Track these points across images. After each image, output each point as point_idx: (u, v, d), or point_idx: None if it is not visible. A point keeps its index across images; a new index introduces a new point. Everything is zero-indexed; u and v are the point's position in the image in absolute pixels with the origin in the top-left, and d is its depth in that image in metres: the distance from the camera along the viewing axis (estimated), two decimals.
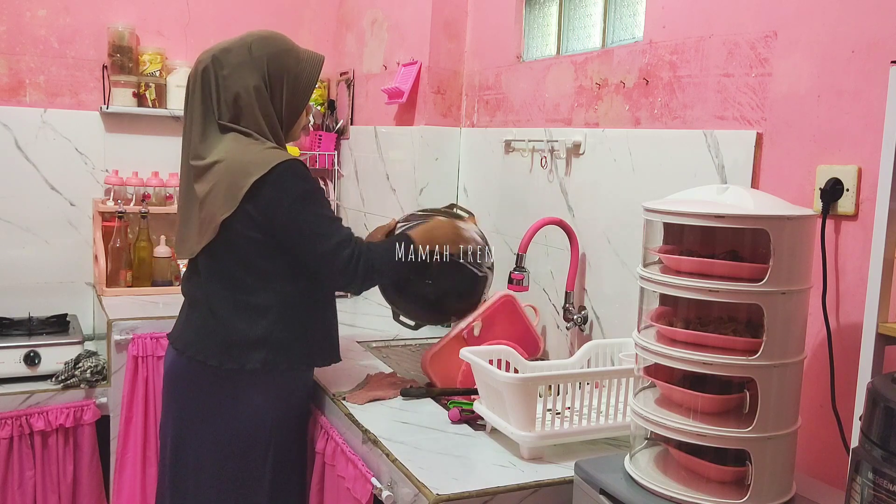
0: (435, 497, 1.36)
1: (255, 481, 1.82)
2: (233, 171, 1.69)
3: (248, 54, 1.77)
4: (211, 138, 1.76)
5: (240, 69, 1.76)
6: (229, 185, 1.69)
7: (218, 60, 1.77)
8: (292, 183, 1.70)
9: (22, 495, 2.50)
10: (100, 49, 3.06)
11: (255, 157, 1.70)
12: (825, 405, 1.41)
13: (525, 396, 1.49)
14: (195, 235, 1.77)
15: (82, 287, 3.10)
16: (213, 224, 1.71)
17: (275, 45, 1.80)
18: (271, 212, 1.70)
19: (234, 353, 1.76)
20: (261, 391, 1.80)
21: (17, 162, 2.96)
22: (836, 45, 1.43)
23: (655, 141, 1.84)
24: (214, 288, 1.79)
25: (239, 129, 1.76)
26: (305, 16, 3.43)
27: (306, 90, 1.84)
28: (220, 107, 1.77)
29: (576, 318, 2.08)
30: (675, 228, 1.31)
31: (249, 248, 1.73)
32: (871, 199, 1.35)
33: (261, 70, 1.77)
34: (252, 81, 1.76)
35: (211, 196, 1.72)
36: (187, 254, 1.82)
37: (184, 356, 1.82)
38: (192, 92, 1.80)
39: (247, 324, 1.76)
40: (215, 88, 1.77)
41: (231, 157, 1.71)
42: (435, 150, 2.69)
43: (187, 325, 1.86)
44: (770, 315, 1.18)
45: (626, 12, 2.05)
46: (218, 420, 1.80)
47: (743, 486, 1.22)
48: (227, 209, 1.69)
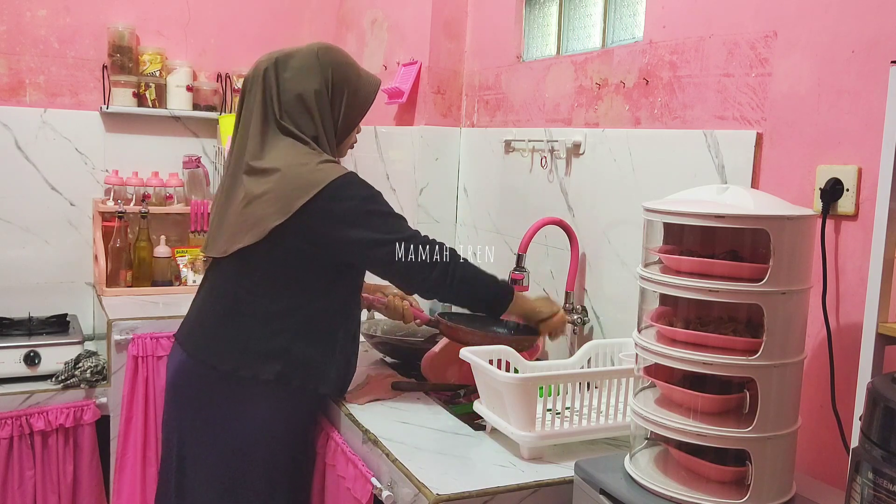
0: (435, 497, 1.36)
1: (260, 494, 1.78)
2: (290, 181, 1.67)
3: (314, 59, 1.77)
4: (269, 139, 1.74)
5: (304, 72, 1.75)
6: (284, 193, 1.66)
7: (282, 63, 1.76)
8: (352, 193, 1.68)
9: (22, 495, 2.50)
10: (100, 49, 3.06)
11: (313, 170, 1.68)
12: (825, 405, 1.41)
13: (525, 396, 1.49)
14: (231, 235, 1.73)
15: (82, 287, 3.10)
16: (260, 228, 1.67)
17: (340, 56, 1.82)
18: (330, 225, 1.67)
19: (251, 360, 1.73)
20: (269, 404, 1.75)
21: (17, 162, 2.96)
22: (836, 45, 1.43)
23: (655, 141, 1.84)
24: (241, 291, 1.75)
25: (296, 133, 1.74)
26: (305, 16, 3.43)
27: (363, 106, 1.84)
28: (280, 107, 1.75)
29: (576, 318, 2.08)
30: (675, 228, 1.31)
31: (293, 258, 1.70)
32: (871, 199, 1.35)
33: (325, 76, 1.77)
34: (315, 85, 1.75)
35: (262, 200, 1.68)
36: (218, 252, 1.77)
37: (194, 359, 1.78)
38: (250, 91, 1.78)
39: (269, 333, 1.73)
40: (276, 89, 1.75)
41: (289, 166, 1.68)
42: (435, 150, 2.69)
43: (201, 326, 1.81)
44: (770, 315, 1.18)
45: (626, 12, 2.05)
46: (223, 428, 1.76)
47: (743, 486, 1.22)
48: (279, 217, 1.65)
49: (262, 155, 1.73)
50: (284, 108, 1.75)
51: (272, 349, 1.73)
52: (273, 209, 1.66)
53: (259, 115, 1.75)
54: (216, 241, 1.78)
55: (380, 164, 2.99)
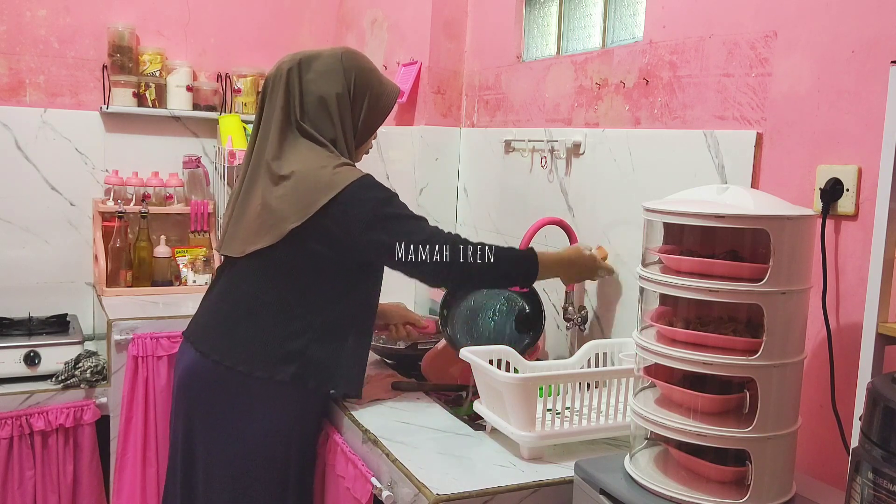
0: (435, 497, 1.36)
1: (269, 493, 1.78)
2: (309, 183, 1.68)
3: (338, 63, 1.78)
4: (289, 140, 1.75)
5: (327, 75, 1.77)
6: (303, 196, 1.67)
7: (305, 64, 1.77)
8: (370, 194, 1.69)
9: (22, 495, 2.50)
10: (100, 49, 3.05)
11: (332, 172, 1.68)
12: (825, 405, 1.41)
13: (525, 396, 1.49)
14: (248, 235, 1.74)
15: (82, 287, 3.10)
16: (279, 230, 1.68)
17: (364, 62, 1.83)
18: (349, 226, 1.67)
19: (267, 361, 1.73)
20: (283, 404, 1.76)
21: (17, 162, 2.96)
22: (836, 45, 1.43)
23: (655, 141, 1.84)
24: (258, 292, 1.75)
25: (317, 136, 1.75)
26: (305, 16, 3.43)
27: (383, 112, 1.86)
28: (301, 108, 1.76)
29: (576, 318, 2.08)
30: (675, 228, 1.32)
31: (309, 260, 1.71)
32: (871, 199, 1.35)
33: (348, 80, 1.78)
34: (337, 89, 1.76)
35: (280, 202, 1.69)
36: (235, 252, 1.77)
37: (208, 359, 1.77)
38: (273, 91, 1.78)
39: (286, 334, 1.73)
40: (299, 90, 1.76)
41: (307, 169, 1.69)
42: (435, 150, 2.69)
43: (214, 326, 1.81)
44: (770, 315, 1.18)
45: (626, 12, 2.05)
46: (236, 428, 1.76)
47: (743, 486, 1.22)
48: (297, 219, 1.66)
49: (280, 156, 1.74)
50: (306, 110, 1.76)
51: (289, 351, 1.73)
52: (291, 211, 1.67)
53: (280, 116, 1.76)
54: (233, 241, 1.79)
55: (380, 164, 2.99)
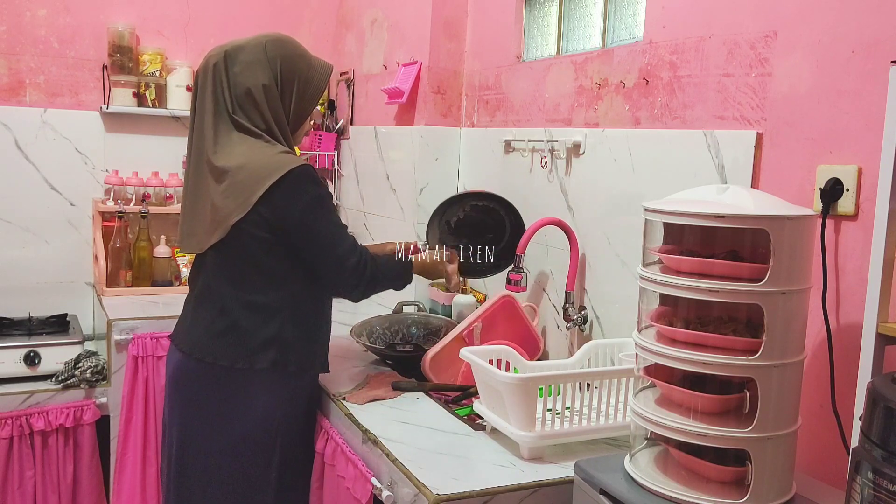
0: (435, 497, 1.36)
1: (262, 482, 1.81)
2: (247, 174, 1.71)
3: (262, 53, 1.79)
4: (223, 136, 1.77)
5: (252, 66, 1.78)
6: (243, 188, 1.71)
7: (230, 56, 1.78)
8: (306, 188, 1.73)
9: (22, 495, 2.50)
10: (100, 49, 3.06)
11: (269, 162, 1.72)
12: (825, 405, 1.41)
13: (525, 396, 1.49)
14: (203, 233, 1.78)
15: (82, 287, 3.10)
16: (225, 225, 1.72)
17: (289, 48, 1.83)
18: (284, 215, 1.72)
19: (245, 352, 1.77)
20: (268, 391, 1.79)
21: (17, 162, 2.96)
22: (836, 45, 1.43)
23: (655, 141, 1.84)
24: (224, 287, 1.79)
25: (250, 128, 1.77)
26: (305, 16, 3.43)
27: (314, 96, 1.87)
28: (232, 101, 1.78)
29: (576, 318, 2.08)
30: (675, 228, 1.32)
31: (259, 248, 1.74)
32: (871, 199, 1.35)
33: (273, 70, 1.79)
34: (263, 79, 1.78)
35: (224, 198, 1.73)
36: (194, 249, 1.83)
37: (191, 358, 1.82)
38: (203, 85, 1.80)
39: (258, 323, 1.77)
40: (226, 83, 1.78)
41: (245, 162, 1.72)
42: (435, 150, 2.69)
43: (194, 325, 1.84)
44: (770, 315, 1.18)
45: (626, 12, 2.05)
46: (225, 420, 1.80)
47: (743, 486, 1.22)
48: (239, 212, 1.71)
49: (217, 150, 1.76)
50: (237, 103, 1.78)
51: (265, 338, 1.77)
52: (233, 206, 1.71)
53: (212, 110, 1.78)
54: (191, 239, 1.83)
55: (380, 164, 2.99)
